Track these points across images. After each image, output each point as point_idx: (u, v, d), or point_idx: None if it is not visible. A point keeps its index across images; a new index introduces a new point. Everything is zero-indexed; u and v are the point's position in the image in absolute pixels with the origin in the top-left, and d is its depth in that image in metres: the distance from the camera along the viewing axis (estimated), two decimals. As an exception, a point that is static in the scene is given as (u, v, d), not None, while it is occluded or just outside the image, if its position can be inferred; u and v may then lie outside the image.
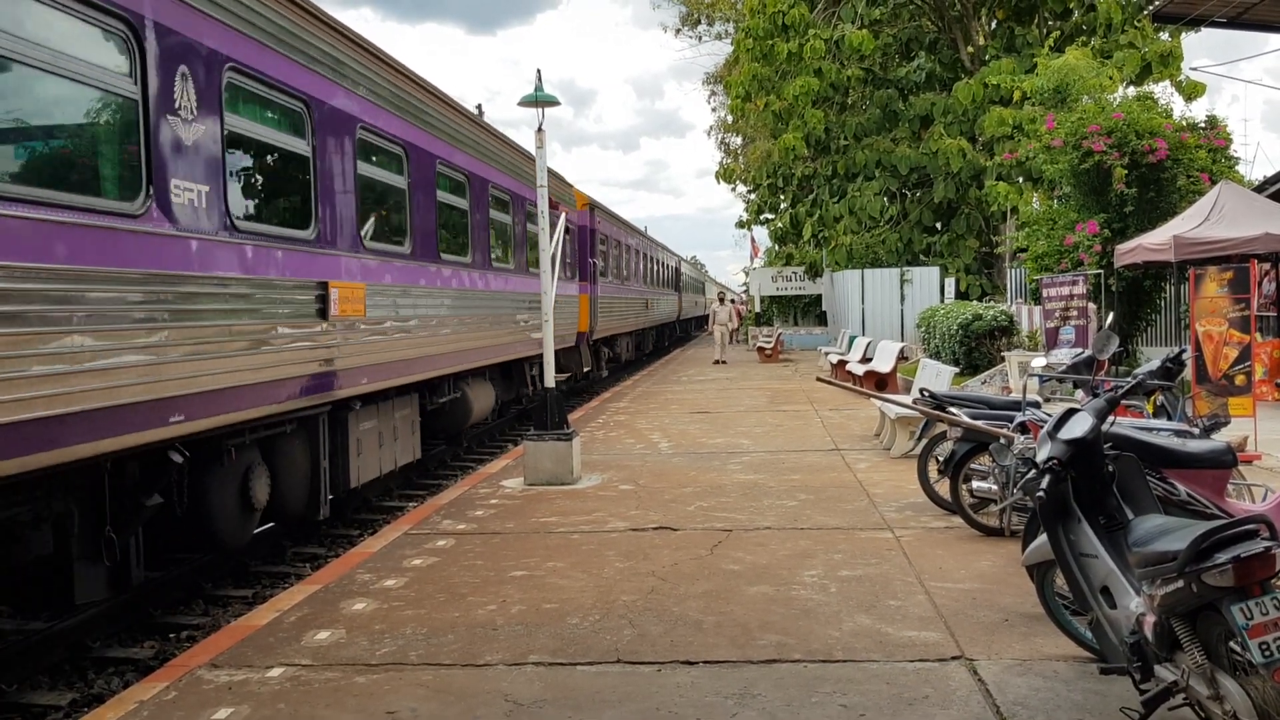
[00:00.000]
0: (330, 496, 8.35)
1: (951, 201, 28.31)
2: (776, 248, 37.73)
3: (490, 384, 13.17)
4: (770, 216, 37.13)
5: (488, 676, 4.54)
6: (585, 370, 20.81)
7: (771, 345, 27.64)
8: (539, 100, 9.77)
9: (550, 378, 9.97)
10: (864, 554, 6.51)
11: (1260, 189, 15.62)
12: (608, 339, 23.60)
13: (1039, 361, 8.72)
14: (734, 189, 46.05)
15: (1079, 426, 4.03)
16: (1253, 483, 6.07)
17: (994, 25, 29.09)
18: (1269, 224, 12.23)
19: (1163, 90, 24.44)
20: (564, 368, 19.19)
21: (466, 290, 11.55)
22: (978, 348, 18.41)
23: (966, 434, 7.02)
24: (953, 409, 7.43)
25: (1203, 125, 16.55)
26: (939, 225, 30.12)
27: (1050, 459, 3.95)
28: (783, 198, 35.24)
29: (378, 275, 8.88)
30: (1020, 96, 23.64)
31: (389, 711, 4.18)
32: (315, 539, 8.78)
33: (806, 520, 7.53)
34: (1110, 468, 4.01)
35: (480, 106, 16.90)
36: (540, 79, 9.81)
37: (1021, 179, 23.15)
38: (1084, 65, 19.46)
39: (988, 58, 27.30)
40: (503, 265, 13.31)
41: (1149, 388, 7.53)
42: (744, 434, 12.44)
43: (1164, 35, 24.67)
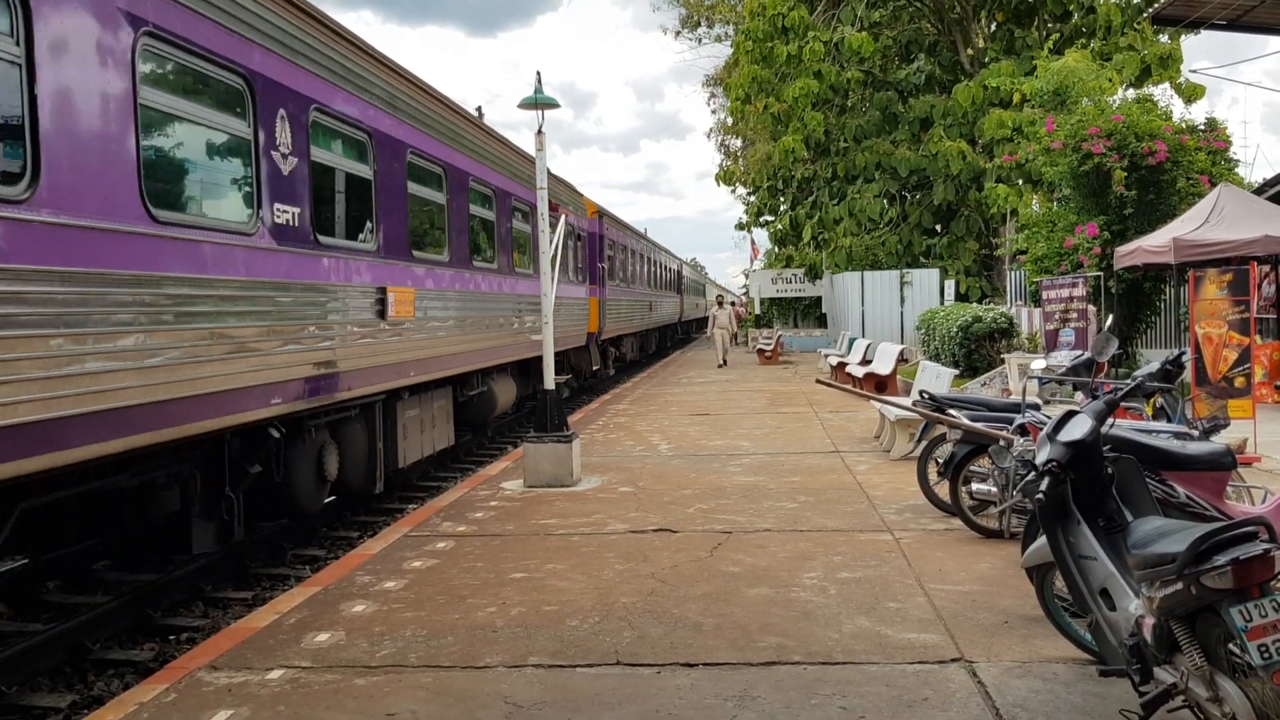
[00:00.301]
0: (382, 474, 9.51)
1: (951, 204, 28.32)
2: (776, 250, 37.71)
3: (512, 379, 14.12)
4: (770, 219, 37.13)
5: (487, 678, 4.55)
6: (595, 368, 21.20)
7: (771, 347, 27.62)
8: (539, 102, 9.78)
9: (550, 380, 9.95)
10: (864, 556, 6.51)
11: (1260, 191, 15.62)
12: (614, 339, 24.13)
13: (1038, 364, 8.72)
14: (734, 191, 46.05)
15: (1078, 429, 4.03)
16: (1252, 485, 6.06)
17: (994, 28, 29.10)
18: (1269, 226, 12.23)
19: (1162, 92, 24.54)
20: (575, 367, 19.75)
21: (493, 294, 12.71)
22: (977, 350, 18.41)
23: (966, 436, 7.02)
24: (952, 411, 7.43)
25: (1202, 127, 16.56)
26: (939, 227, 30.13)
27: (1049, 461, 3.96)
28: (782, 200, 35.26)
29: (423, 281, 10.03)
30: (1020, 99, 23.68)
31: (389, 714, 4.18)
32: (315, 541, 8.80)
33: (806, 522, 7.54)
34: (1109, 470, 4.02)
35: (480, 109, 16.94)
36: (540, 81, 9.82)
37: (1021, 181, 23.18)
38: (1083, 67, 19.47)
39: (987, 60, 27.31)
40: (523, 271, 14.13)
41: (1148, 390, 7.53)
42: (744, 436, 12.45)
43: (1163, 37, 24.73)
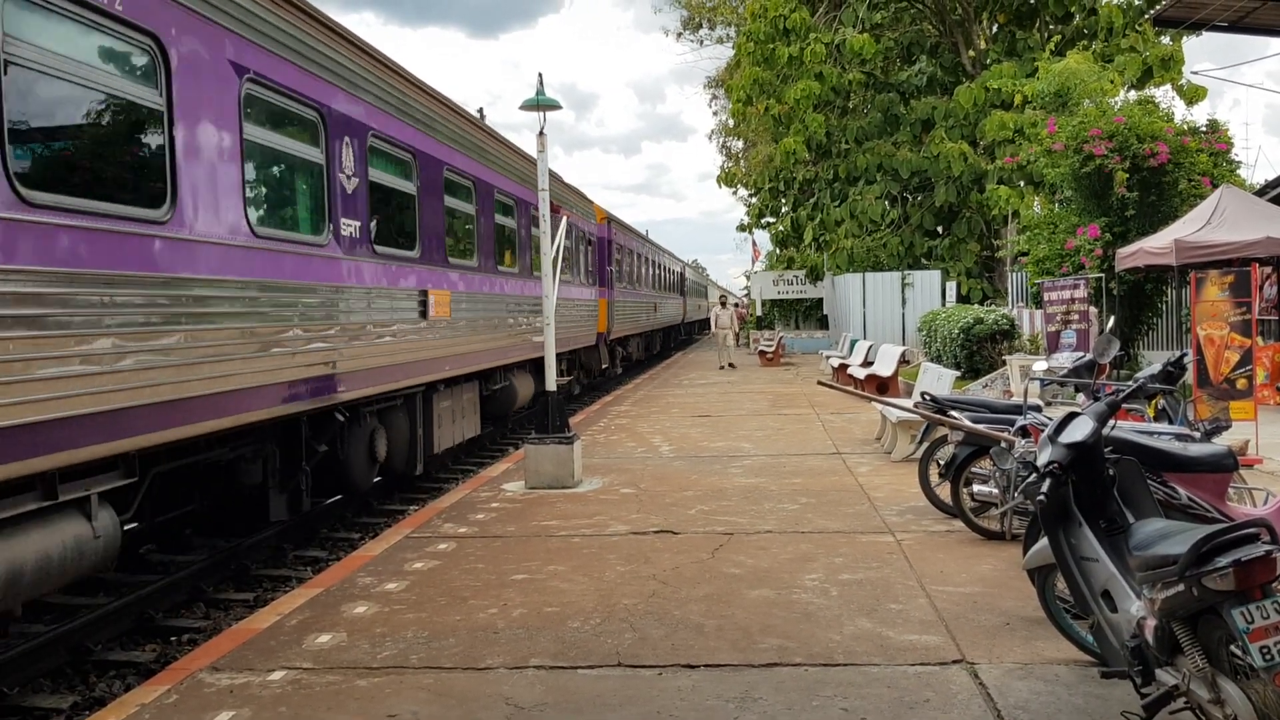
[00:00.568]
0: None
1: (953, 205, 28.30)
2: (778, 251, 37.71)
3: (530, 375, 15.05)
4: (771, 220, 37.10)
5: (489, 680, 4.55)
6: (604, 367, 21.73)
7: (773, 349, 27.61)
8: (540, 104, 9.79)
9: (551, 381, 9.96)
10: (865, 558, 6.51)
11: (1261, 193, 15.60)
12: (622, 339, 24.83)
13: (1040, 365, 8.71)
14: (735, 193, 46.04)
15: (1080, 430, 4.03)
16: (1254, 486, 6.06)
17: (995, 29, 29.08)
18: (1270, 228, 12.23)
19: (1164, 94, 24.51)
20: (585, 365, 20.44)
21: (515, 295, 13.76)
22: (979, 351, 18.40)
23: (967, 438, 7.02)
24: (954, 413, 7.43)
25: (1204, 129, 16.57)
26: (940, 229, 30.12)
27: (1051, 463, 3.96)
28: (784, 201, 35.24)
29: (456, 284, 11.11)
30: (1021, 100, 23.65)
31: (390, 715, 4.18)
32: (315, 542, 8.80)
33: (808, 524, 7.54)
34: (1111, 471, 4.02)
35: (482, 110, 16.98)
36: (541, 83, 9.84)
37: (1023, 183, 23.19)
38: (1085, 69, 19.46)
39: (989, 62, 27.28)
40: (539, 275, 14.24)
41: (1150, 391, 7.53)
42: (745, 437, 12.44)
43: (1165, 39, 24.71)
